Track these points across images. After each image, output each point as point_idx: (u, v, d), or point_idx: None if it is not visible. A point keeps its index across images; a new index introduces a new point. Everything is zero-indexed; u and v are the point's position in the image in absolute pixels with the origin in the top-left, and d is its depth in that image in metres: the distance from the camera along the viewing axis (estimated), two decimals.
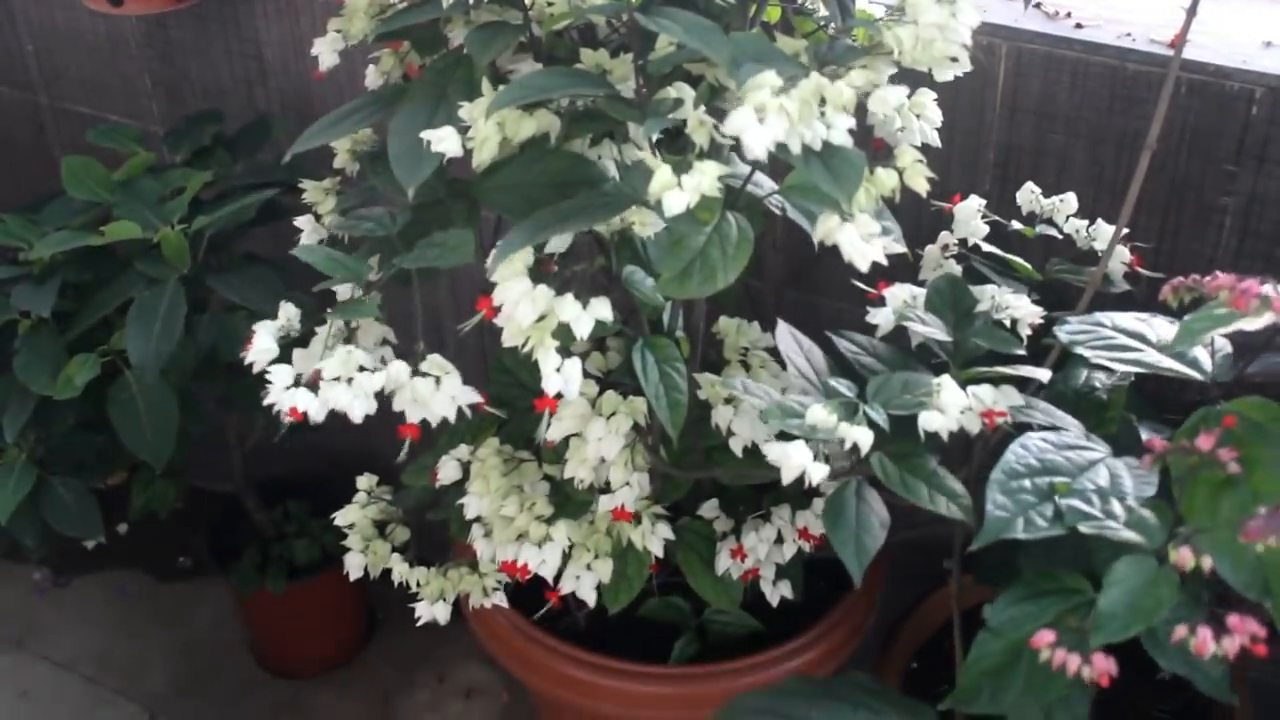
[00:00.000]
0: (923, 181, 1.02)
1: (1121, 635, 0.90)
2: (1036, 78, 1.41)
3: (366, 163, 1.31)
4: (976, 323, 1.13)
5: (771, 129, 0.92)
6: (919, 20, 1.01)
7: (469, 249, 1.17)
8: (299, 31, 1.84)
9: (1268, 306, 0.90)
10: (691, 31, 1.02)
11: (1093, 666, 0.90)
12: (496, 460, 1.30)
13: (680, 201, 0.96)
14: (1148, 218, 1.43)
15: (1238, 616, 0.88)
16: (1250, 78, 1.33)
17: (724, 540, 1.34)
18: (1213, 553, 0.89)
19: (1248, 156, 1.36)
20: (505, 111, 1.09)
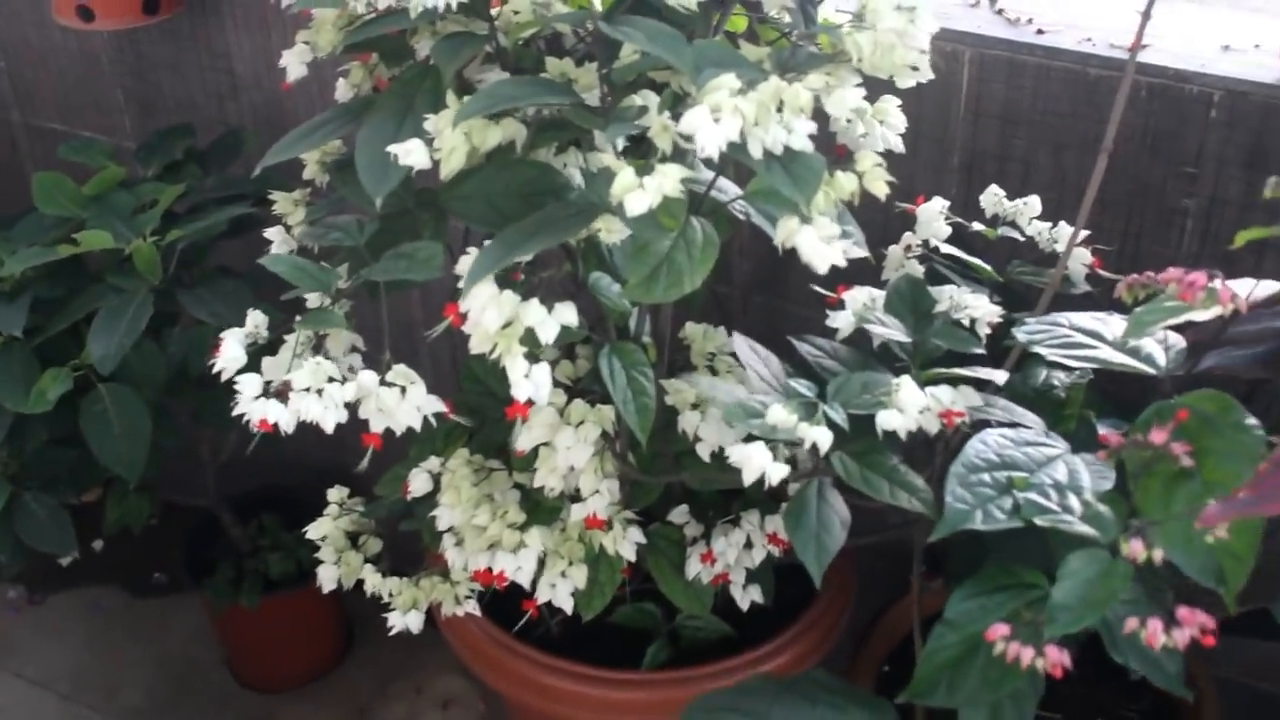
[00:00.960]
0: (882, 185, 1.04)
1: (1074, 627, 0.92)
2: (999, 83, 1.43)
3: (335, 174, 1.32)
4: (936, 323, 1.15)
5: (725, 128, 0.94)
6: (878, 26, 1.02)
7: (437, 262, 1.18)
8: (270, 45, 1.85)
9: (1214, 298, 0.92)
10: (655, 39, 1.03)
11: (1046, 658, 0.91)
12: (467, 470, 1.31)
13: (642, 203, 0.97)
14: (1111, 219, 1.44)
15: (1187, 609, 0.89)
16: (1209, 81, 1.35)
17: (694, 545, 1.35)
18: (1166, 544, 0.91)
19: (1207, 159, 1.37)
20: (471, 121, 1.10)
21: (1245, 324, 1.08)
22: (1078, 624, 0.92)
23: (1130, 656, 1.04)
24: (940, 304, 1.17)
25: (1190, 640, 0.91)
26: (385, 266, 1.20)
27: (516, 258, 1.07)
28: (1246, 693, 1.67)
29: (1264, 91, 1.33)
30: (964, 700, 1.03)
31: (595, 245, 1.19)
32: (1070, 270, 1.25)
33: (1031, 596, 1.01)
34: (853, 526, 1.47)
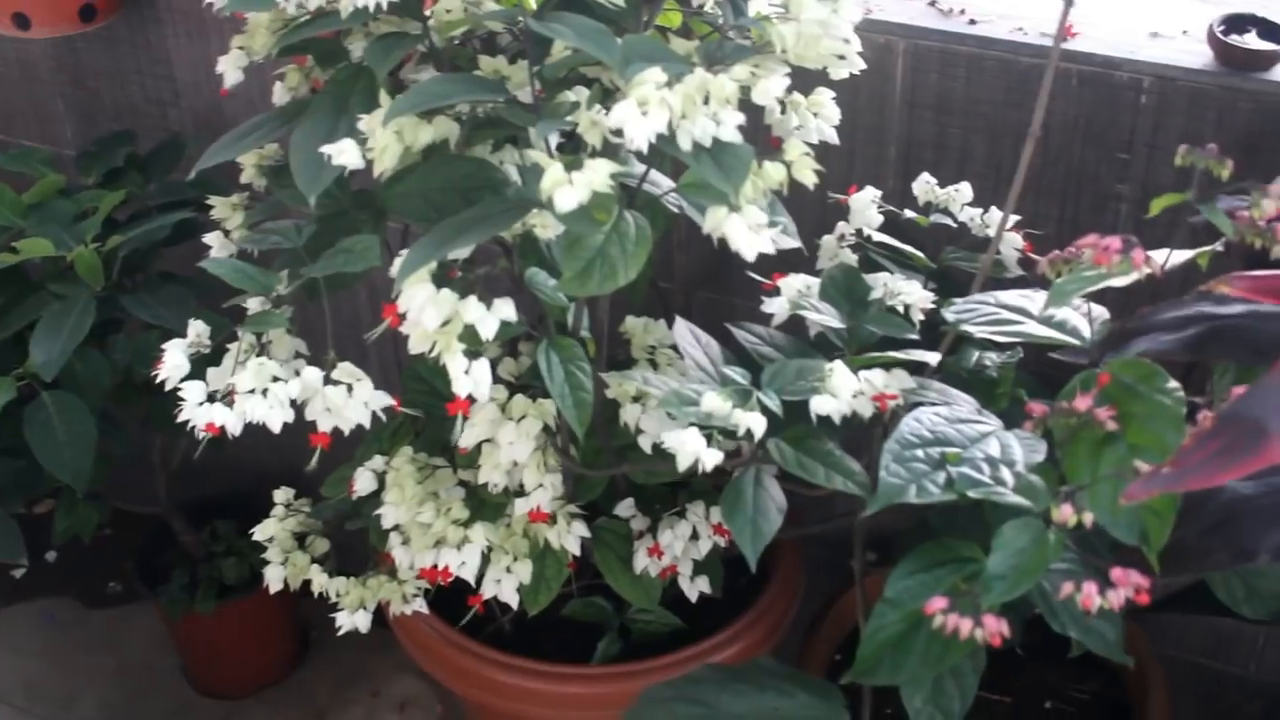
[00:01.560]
0: (810, 175, 1.05)
1: (1009, 595, 0.93)
2: (933, 73, 1.44)
3: (271, 177, 1.32)
4: (870, 310, 1.16)
5: (653, 121, 0.94)
6: (801, 17, 1.03)
7: (374, 253, 1.18)
8: (210, 51, 1.85)
9: (1129, 262, 0.93)
10: (584, 35, 1.04)
11: (984, 628, 0.92)
12: (411, 469, 1.31)
13: (572, 198, 0.98)
14: (1046, 206, 1.46)
15: (1121, 570, 0.90)
16: (1139, 67, 1.37)
17: (640, 539, 1.36)
18: (1093, 507, 0.92)
19: (1139, 144, 1.39)
20: (403, 120, 1.11)
21: (1174, 309, 1.09)
22: (1013, 592, 0.94)
23: (1069, 625, 1.06)
24: (874, 291, 1.18)
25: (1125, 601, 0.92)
26: (324, 263, 1.20)
27: (450, 253, 1.07)
28: (1192, 669, 1.69)
29: (1191, 77, 1.35)
30: (906, 678, 1.04)
31: (533, 241, 1.20)
32: (1003, 255, 1.26)
33: (969, 570, 1.03)
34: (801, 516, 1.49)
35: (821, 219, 1.42)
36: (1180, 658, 1.68)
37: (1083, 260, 0.96)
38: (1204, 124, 1.36)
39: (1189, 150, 0.99)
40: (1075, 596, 0.91)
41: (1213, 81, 1.34)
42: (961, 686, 1.10)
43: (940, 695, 1.11)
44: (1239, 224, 0.98)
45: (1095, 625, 1.07)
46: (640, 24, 1.16)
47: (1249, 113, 1.34)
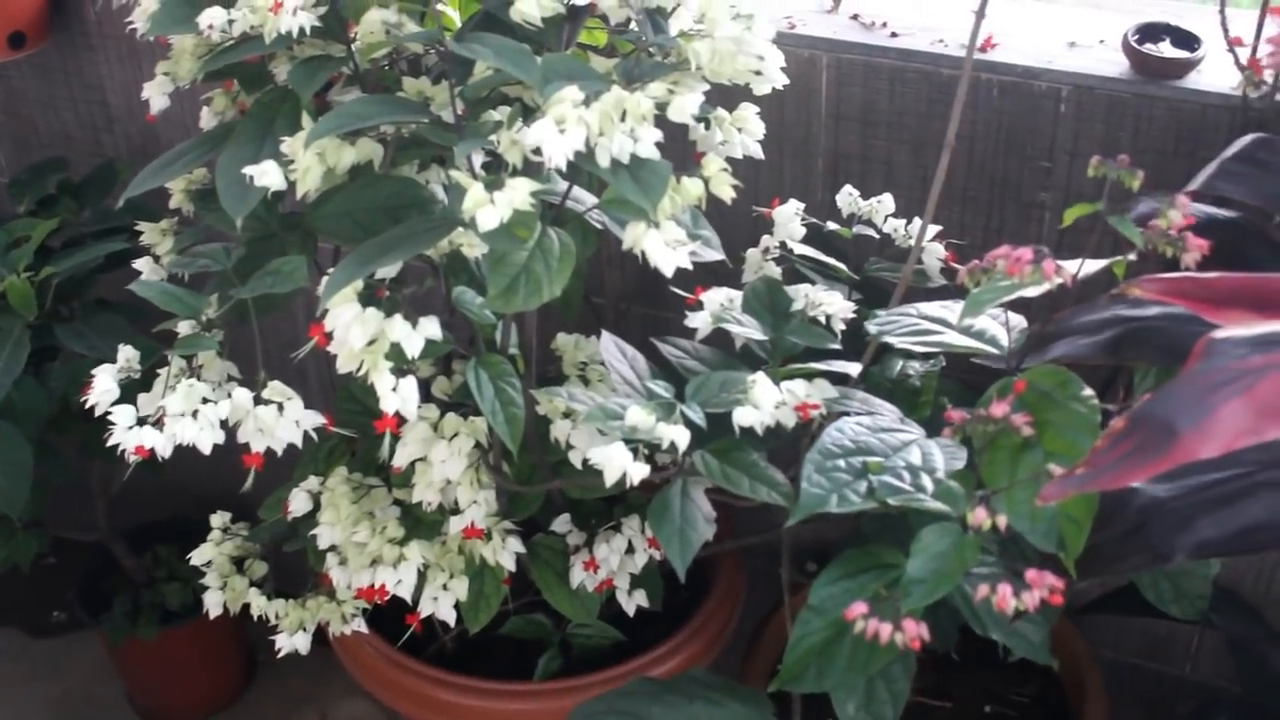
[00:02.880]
0: (728, 190, 1.06)
1: (929, 599, 0.94)
2: (857, 86, 1.46)
3: (198, 201, 1.33)
4: (793, 321, 1.17)
5: (571, 139, 0.96)
6: (715, 34, 1.05)
7: (302, 274, 1.19)
8: (141, 76, 1.84)
9: (1040, 272, 0.95)
10: (503, 55, 1.05)
11: (904, 632, 0.94)
12: (346, 489, 1.32)
13: (493, 218, 0.99)
14: (972, 216, 1.48)
15: (1036, 571, 0.92)
16: (1057, 77, 1.39)
17: (577, 554, 1.36)
18: (1010, 512, 0.94)
19: (1060, 152, 1.42)
20: (325, 141, 1.12)
21: (1091, 313, 1.11)
22: (932, 596, 0.95)
23: (993, 628, 1.07)
24: (796, 302, 1.20)
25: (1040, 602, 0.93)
26: (252, 285, 1.21)
27: (375, 271, 1.08)
28: (1130, 670, 1.71)
29: (1109, 85, 1.37)
30: (834, 684, 1.06)
31: (462, 259, 1.20)
32: (926, 265, 1.28)
33: (891, 576, 1.04)
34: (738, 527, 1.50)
35: (752, 232, 1.43)
36: (1118, 659, 1.70)
37: (997, 271, 0.98)
38: (1122, 131, 1.38)
39: (1101, 161, 1.01)
40: (992, 599, 0.93)
41: (1129, 90, 1.36)
42: (893, 691, 1.11)
43: (872, 701, 1.12)
44: (1149, 233, 1.00)
45: (1020, 628, 1.09)
46: (561, 43, 1.17)
47: (1165, 120, 1.36)
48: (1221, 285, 1.01)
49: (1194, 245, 1.01)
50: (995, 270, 0.98)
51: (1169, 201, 0.99)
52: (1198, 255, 1.01)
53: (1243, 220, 1.21)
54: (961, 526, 0.98)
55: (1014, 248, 0.97)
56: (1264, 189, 1.14)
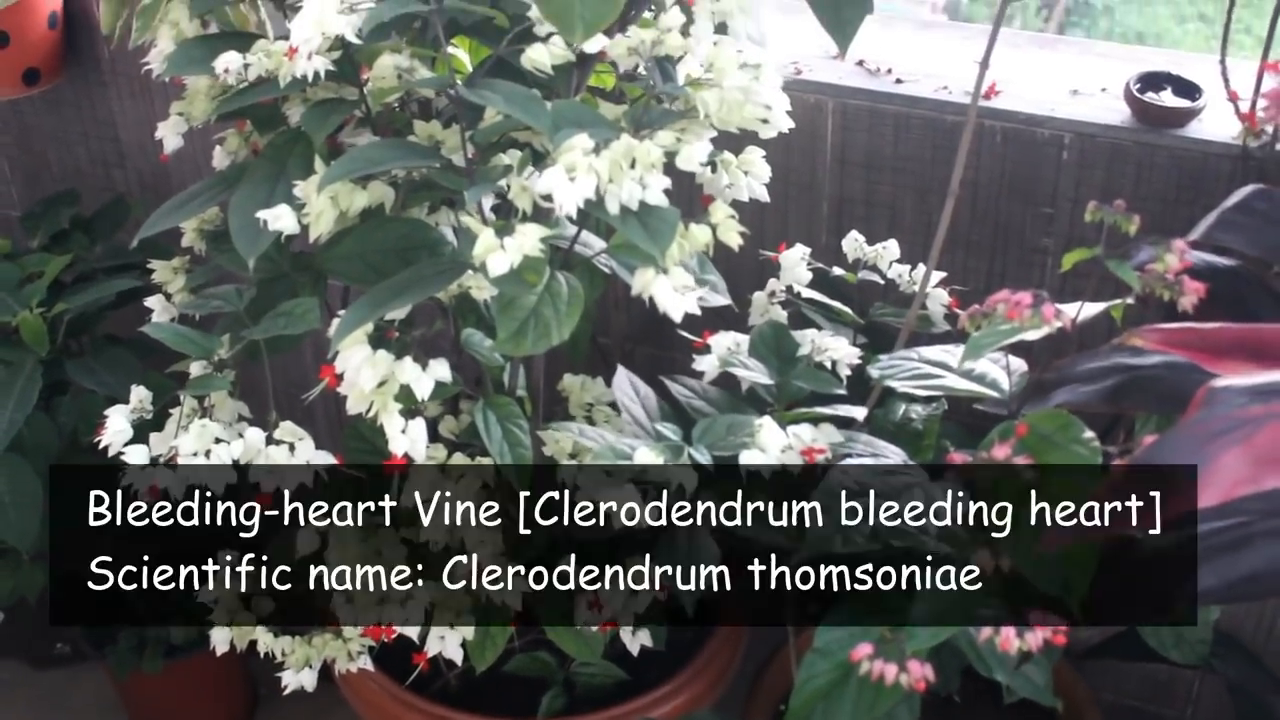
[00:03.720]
0: (735, 237, 1.08)
1: (933, 641, 0.96)
2: (862, 131, 1.48)
3: (210, 241, 1.34)
4: (799, 365, 1.19)
5: (581, 187, 0.97)
6: (724, 84, 1.06)
7: (314, 316, 1.21)
8: (153, 113, 1.87)
9: (1040, 316, 0.97)
10: (513, 101, 1.07)
11: (909, 674, 0.95)
12: (353, 527, 1.32)
13: (503, 263, 1.00)
14: (975, 260, 1.49)
15: (1039, 613, 0.93)
16: (1059, 124, 1.41)
17: (582, 593, 1.37)
18: (1015, 556, 0.95)
19: (1063, 199, 1.43)
20: (338, 185, 1.13)
21: (1093, 360, 1.12)
22: (936, 639, 0.96)
23: (997, 670, 1.08)
24: (803, 347, 1.21)
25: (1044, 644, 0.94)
26: (265, 325, 1.22)
27: (385, 314, 1.10)
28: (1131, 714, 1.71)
29: (1110, 133, 1.39)
30: None
31: (471, 300, 1.22)
32: (929, 310, 1.30)
33: (896, 618, 1.05)
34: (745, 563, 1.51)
35: (759, 274, 1.45)
36: (1119, 703, 1.70)
37: (997, 315, 0.99)
38: (1123, 178, 1.40)
39: (1098, 206, 1.03)
40: (995, 640, 0.94)
41: (1130, 137, 1.38)
42: None
43: None
44: (1146, 277, 1.01)
45: (1024, 670, 1.09)
46: (570, 89, 1.19)
47: (1166, 167, 1.38)
48: (1221, 336, 1.03)
49: (1191, 289, 1.02)
50: (995, 314, 0.99)
51: (1166, 246, 1.01)
52: (1194, 299, 1.02)
53: (1243, 269, 1.22)
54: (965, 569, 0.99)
55: (1013, 292, 0.98)
56: (1263, 239, 1.15)
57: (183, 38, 1.28)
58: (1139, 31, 4.93)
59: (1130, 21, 4.90)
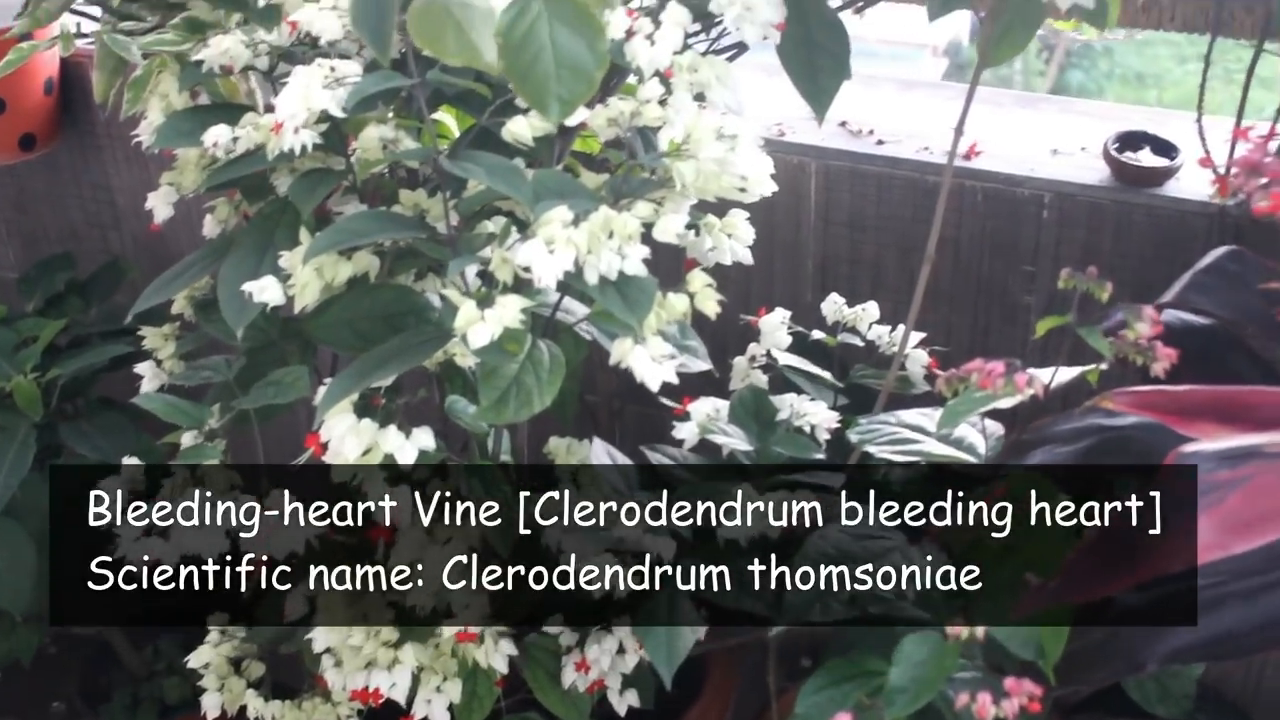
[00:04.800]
0: (713, 305, 1.09)
1: (911, 708, 0.97)
2: (845, 192, 1.50)
3: (200, 310, 1.36)
4: (778, 431, 1.20)
5: (560, 259, 0.99)
6: (700, 155, 1.08)
7: (303, 384, 1.22)
8: (149, 177, 1.89)
9: (1013, 385, 0.98)
10: (494, 173, 1.09)
11: None
12: (341, 592, 1.33)
13: (484, 334, 1.01)
14: (960, 317, 1.51)
15: (1015, 679, 0.94)
16: (1039, 184, 1.43)
17: (569, 654, 1.38)
18: (989, 622, 0.96)
19: (1044, 257, 1.45)
20: (323, 257, 1.15)
21: (1068, 422, 1.14)
22: (914, 705, 0.97)
23: None
24: (782, 412, 1.22)
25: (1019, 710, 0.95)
26: (254, 395, 1.24)
27: (370, 384, 1.11)
28: None
29: (1089, 192, 1.41)
30: None
31: (457, 367, 1.23)
32: (909, 371, 1.31)
33: (875, 684, 1.06)
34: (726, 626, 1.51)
35: (745, 337, 1.46)
36: None
37: (972, 382, 1.00)
38: (1103, 236, 1.41)
39: (1071, 273, 1.04)
40: (972, 706, 0.94)
41: (1109, 196, 1.40)
42: None
43: None
44: (1118, 344, 1.02)
45: None
46: (553, 157, 1.21)
47: (1145, 226, 1.39)
48: (1190, 398, 1.04)
49: (1163, 355, 1.03)
50: (971, 381, 1.01)
51: (1137, 313, 1.02)
52: (1166, 364, 1.04)
53: (1220, 328, 1.23)
54: (942, 634, 1.00)
55: (987, 361, 1.00)
56: (1235, 301, 1.17)
57: (172, 109, 1.30)
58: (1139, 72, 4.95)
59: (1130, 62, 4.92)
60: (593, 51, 0.96)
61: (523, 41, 0.97)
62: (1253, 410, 1.03)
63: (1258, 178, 1.00)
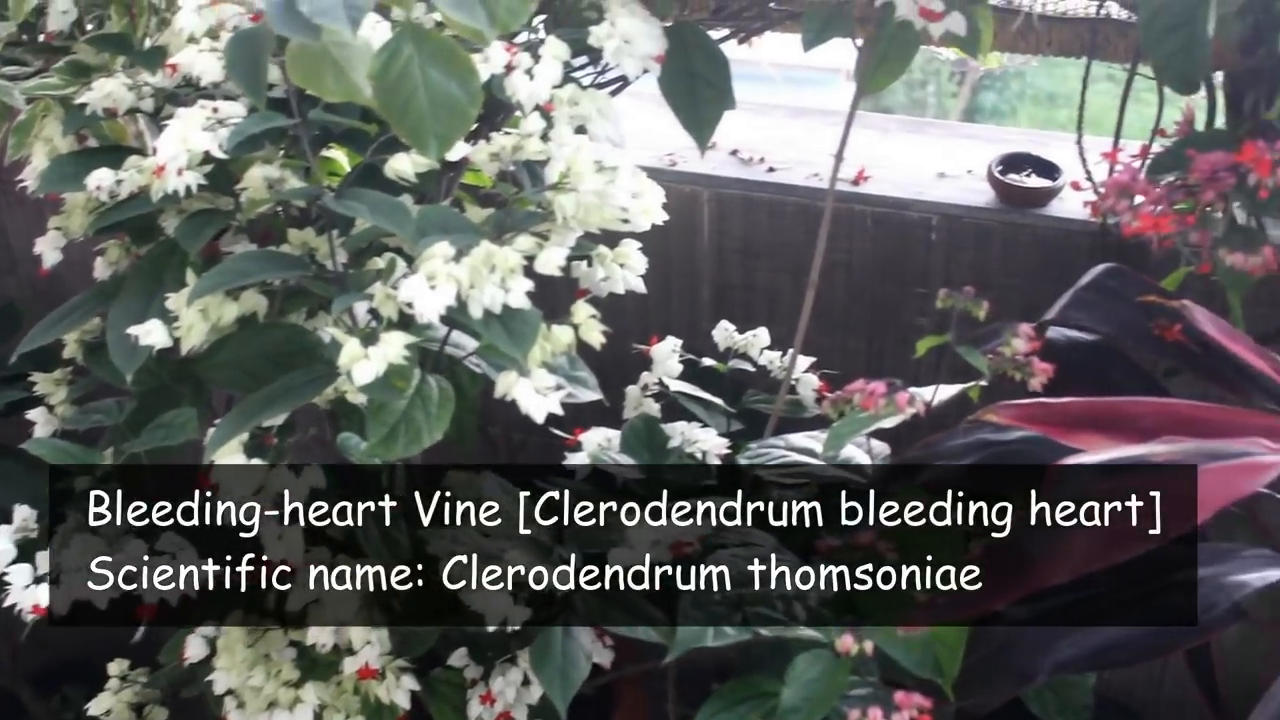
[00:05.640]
0: (597, 336, 1.10)
1: None
2: (738, 219, 1.51)
3: (89, 354, 1.35)
4: (670, 458, 1.21)
5: (442, 295, 0.99)
6: (580, 188, 1.09)
7: (192, 426, 1.22)
8: (44, 221, 1.86)
9: (894, 405, 1.00)
10: (377, 210, 1.09)
11: None
12: (241, 632, 1.32)
13: (369, 372, 1.02)
14: (855, 340, 1.53)
15: (904, 694, 0.95)
16: (927, 207, 1.45)
17: (474, 687, 1.37)
18: (883, 640, 0.97)
19: (934, 279, 1.47)
20: (208, 298, 1.14)
21: (955, 438, 1.16)
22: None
23: None
24: (673, 440, 1.23)
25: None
26: (144, 438, 1.23)
27: (259, 423, 1.11)
28: None
29: (975, 214, 1.44)
30: None
31: (350, 404, 1.23)
32: (801, 395, 1.32)
33: (770, 704, 1.06)
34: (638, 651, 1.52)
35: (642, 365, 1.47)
36: None
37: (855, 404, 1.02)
38: (990, 257, 1.44)
39: (948, 293, 1.06)
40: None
41: (995, 218, 1.43)
42: None
43: None
44: (996, 360, 1.04)
45: None
46: (441, 192, 1.21)
47: (1030, 245, 1.42)
48: (1070, 410, 1.06)
49: (1040, 369, 1.05)
50: (854, 402, 1.02)
51: (1013, 331, 1.04)
52: (1044, 379, 1.06)
53: (1104, 343, 1.26)
54: (834, 653, 1.01)
55: (868, 382, 1.01)
56: (1116, 316, 1.19)
57: (56, 154, 1.30)
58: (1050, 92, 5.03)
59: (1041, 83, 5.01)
60: (465, 89, 0.97)
61: (397, 82, 0.97)
62: (1133, 420, 1.05)
63: (1128, 198, 1.03)
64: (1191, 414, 1.04)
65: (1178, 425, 1.01)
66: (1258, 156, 0.93)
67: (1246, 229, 0.94)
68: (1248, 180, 0.93)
